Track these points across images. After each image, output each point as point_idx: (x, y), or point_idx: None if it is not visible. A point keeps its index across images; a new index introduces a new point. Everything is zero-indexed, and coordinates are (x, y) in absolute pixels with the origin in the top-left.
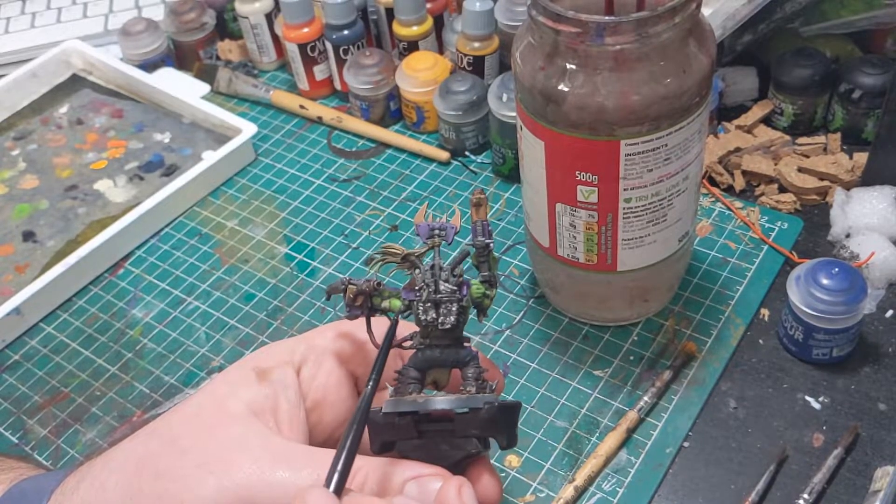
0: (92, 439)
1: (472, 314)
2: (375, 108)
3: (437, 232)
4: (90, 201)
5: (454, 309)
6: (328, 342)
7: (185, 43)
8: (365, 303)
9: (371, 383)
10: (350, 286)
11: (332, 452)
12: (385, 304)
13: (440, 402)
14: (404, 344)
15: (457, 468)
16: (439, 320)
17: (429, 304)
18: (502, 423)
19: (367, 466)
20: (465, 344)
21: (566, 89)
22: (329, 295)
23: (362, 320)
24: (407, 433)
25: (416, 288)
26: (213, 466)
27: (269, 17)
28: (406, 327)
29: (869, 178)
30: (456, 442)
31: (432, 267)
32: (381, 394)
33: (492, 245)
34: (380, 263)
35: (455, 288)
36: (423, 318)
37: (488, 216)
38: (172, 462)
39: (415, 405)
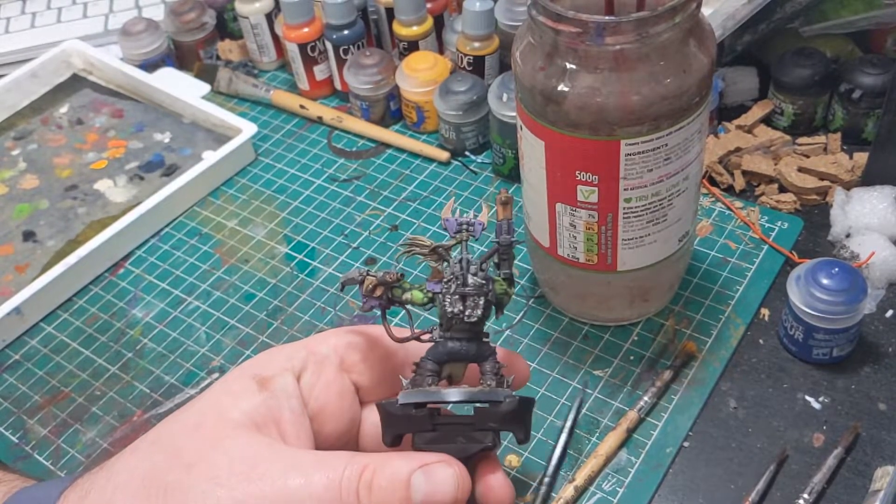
0: (92, 439)
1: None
2: (375, 108)
3: (464, 227)
4: (90, 201)
5: (481, 302)
6: (329, 350)
7: (186, 43)
8: (384, 294)
9: None
10: (369, 277)
11: (340, 454)
12: (406, 295)
13: (459, 393)
14: (423, 337)
15: (467, 464)
16: (465, 313)
17: (456, 297)
18: (521, 417)
19: (373, 463)
20: (485, 339)
21: (566, 89)
22: (343, 286)
23: (365, 325)
24: (422, 425)
25: (445, 280)
26: (222, 480)
27: (270, 17)
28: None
29: (869, 178)
30: (473, 435)
31: (461, 260)
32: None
33: (514, 243)
34: (406, 255)
35: (483, 282)
36: (450, 309)
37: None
38: (180, 477)
39: (432, 396)
